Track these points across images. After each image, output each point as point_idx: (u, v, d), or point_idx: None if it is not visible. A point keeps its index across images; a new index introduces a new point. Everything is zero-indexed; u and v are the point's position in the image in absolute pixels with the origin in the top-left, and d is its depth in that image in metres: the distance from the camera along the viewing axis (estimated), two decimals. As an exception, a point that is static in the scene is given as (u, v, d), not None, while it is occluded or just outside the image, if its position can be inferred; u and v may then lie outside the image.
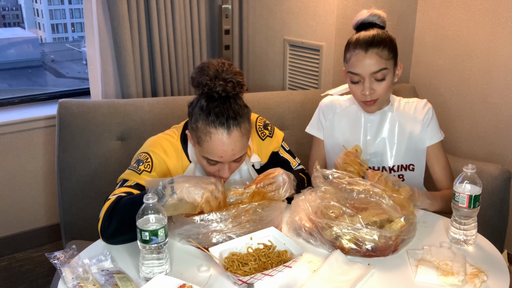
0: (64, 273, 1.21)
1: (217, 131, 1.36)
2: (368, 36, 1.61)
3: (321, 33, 2.62)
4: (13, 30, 4.08)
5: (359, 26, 1.68)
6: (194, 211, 1.31)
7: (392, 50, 1.62)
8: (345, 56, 1.67)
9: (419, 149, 1.72)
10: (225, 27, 2.89)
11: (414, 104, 1.75)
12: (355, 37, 1.65)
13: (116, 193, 1.41)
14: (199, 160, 1.47)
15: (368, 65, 1.60)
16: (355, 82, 1.64)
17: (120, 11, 2.48)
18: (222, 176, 1.45)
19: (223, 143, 1.37)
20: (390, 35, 1.66)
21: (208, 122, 1.36)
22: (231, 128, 1.36)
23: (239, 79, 1.39)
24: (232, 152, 1.39)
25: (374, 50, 1.59)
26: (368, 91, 1.62)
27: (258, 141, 1.64)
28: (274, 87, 3.03)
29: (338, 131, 1.78)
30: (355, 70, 1.62)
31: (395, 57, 1.65)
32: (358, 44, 1.61)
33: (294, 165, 1.70)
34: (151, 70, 2.71)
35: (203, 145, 1.39)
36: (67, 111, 2.10)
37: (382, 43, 1.60)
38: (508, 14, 2.36)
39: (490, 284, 1.20)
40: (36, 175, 2.73)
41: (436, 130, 1.73)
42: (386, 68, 1.61)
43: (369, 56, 1.59)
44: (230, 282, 1.21)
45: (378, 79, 1.61)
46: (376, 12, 1.67)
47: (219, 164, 1.43)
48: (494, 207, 1.99)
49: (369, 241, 1.28)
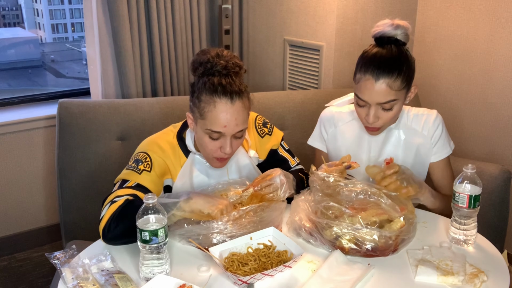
0: (64, 273, 1.21)
1: (221, 100, 1.39)
2: (382, 60, 1.47)
3: (321, 33, 2.62)
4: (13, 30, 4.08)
5: (378, 39, 1.53)
6: (200, 218, 1.33)
7: (406, 78, 1.49)
8: (355, 74, 1.54)
9: (424, 165, 1.67)
10: (225, 27, 2.89)
11: (423, 118, 1.64)
12: (370, 54, 1.51)
13: (120, 194, 1.40)
14: (201, 139, 1.47)
15: (376, 95, 1.48)
16: (361, 106, 1.55)
17: (120, 11, 2.48)
18: (224, 152, 1.45)
19: (227, 112, 1.39)
20: (409, 56, 1.52)
21: (212, 93, 1.40)
22: (234, 99, 1.40)
23: (237, 61, 1.45)
24: (235, 121, 1.41)
25: (386, 79, 1.46)
26: (372, 119, 1.52)
27: (257, 138, 1.65)
28: (274, 87, 3.03)
29: (341, 144, 1.72)
30: (362, 96, 1.51)
31: (410, 83, 1.52)
32: (370, 68, 1.47)
33: (293, 164, 1.70)
34: (151, 70, 2.71)
35: (207, 116, 1.40)
36: (67, 111, 2.10)
37: (396, 71, 1.46)
38: (508, 14, 2.36)
39: (490, 284, 1.20)
40: (36, 175, 2.73)
41: (445, 145, 1.65)
42: (396, 99, 1.49)
43: (379, 86, 1.46)
44: (230, 282, 1.21)
45: (385, 109, 1.51)
46: (400, 24, 1.51)
47: (222, 139, 1.44)
48: (494, 207, 1.99)
49: (369, 241, 1.28)
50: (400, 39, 1.52)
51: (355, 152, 1.69)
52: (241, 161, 1.60)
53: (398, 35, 1.51)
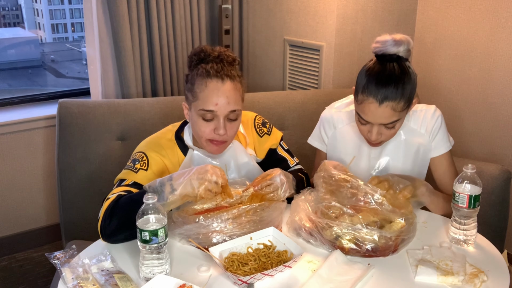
0: (64, 273, 1.21)
1: (211, 80, 1.45)
2: (386, 84, 1.43)
3: (321, 33, 2.62)
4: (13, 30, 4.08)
5: (379, 56, 1.49)
6: (196, 200, 1.32)
7: (409, 97, 1.47)
8: (357, 93, 1.50)
9: (425, 161, 1.67)
10: (225, 27, 2.89)
11: (422, 114, 1.64)
12: (372, 73, 1.46)
13: (115, 192, 1.42)
14: (196, 124, 1.49)
15: (380, 118, 1.47)
16: (363, 124, 1.54)
17: (120, 11, 2.48)
18: (218, 133, 1.46)
19: (218, 89, 1.45)
20: (412, 72, 1.48)
21: (204, 76, 1.46)
22: (225, 79, 1.46)
23: (231, 54, 1.51)
24: (226, 99, 1.45)
25: (390, 103, 1.43)
26: (375, 137, 1.52)
27: (256, 138, 1.66)
28: (274, 87, 3.03)
29: (341, 146, 1.72)
30: (365, 118, 1.49)
31: (411, 99, 1.50)
32: (373, 91, 1.44)
33: (292, 164, 1.71)
34: (151, 70, 2.71)
35: (199, 96, 1.46)
36: (67, 111, 2.10)
37: (400, 94, 1.44)
38: (508, 14, 2.36)
39: (490, 284, 1.20)
40: (36, 175, 2.73)
41: (444, 140, 1.64)
42: (399, 119, 1.49)
43: (382, 109, 1.44)
44: (230, 282, 1.21)
45: (388, 127, 1.51)
46: (402, 40, 1.46)
47: (215, 120, 1.47)
48: (494, 207, 1.99)
49: (369, 241, 1.28)
50: (402, 56, 1.48)
51: (355, 153, 1.69)
52: (240, 159, 1.61)
53: (400, 52, 1.47)
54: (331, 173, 1.42)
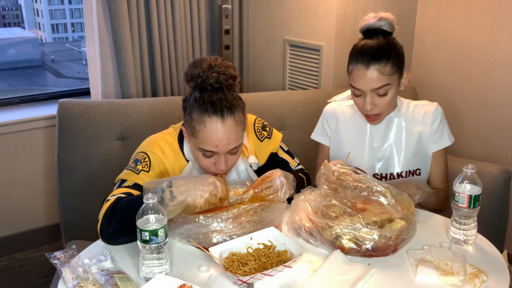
0: (64, 273, 1.21)
1: (211, 119, 1.36)
2: (370, 49, 1.54)
3: (321, 33, 2.62)
4: (13, 30, 4.09)
5: (365, 32, 1.61)
6: (195, 209, 1.31)
7: (396, 63, 1.55)
8: (348, 66, 1.60)
9: (426, 153, 1.69)
10: (225, 27, 2.89)
11: (424, 108, 1.70)
12: (358, 46, 1.58)
13: (115, 194, 1.41)
14: (195, 154, 1.46)
15: (370, 82, 1.54)
16: (357, 95, 1.60)
17: (120, 11, 2.48)
18: (219, 169, 1.44)
19: (217, 131, 1.37)
20: (396, 43, 1.58)
21: (202, 111, 1.37)
22: (225, 116, 1.37)
23: (232, 71, 1.40)
24: (227, 140, 1.39)
25: (376, 66, 1.52)
26: (369, 106, 1.57)
27: (257, 142, 1.64)
28: (274, 87, 3.03)
29: (344, 139, 1.74)
30: (356, 85, 1.57)
31: (400, 68, 1.57)
32: (360, 58, 1.54)
33: (293, 165, 1.70)
34: (151, 70, 2.71)
35: (198, 135, 1.39)
36: (67, 111, 2.10)
37: (385, 57, 1.53)
38: (508, 14, 2.36)
39: (490, 284, 1.20)
40: (36, 175, 2.73)
41: (444, 135, 1.69)
42: (389, 84, 1.55)
43: (370, 72, 1.53)
44: (230, 282, 1.21)
45: (380, 95, 1.56)
46: (383, 16, 1.59)
47: (215, 156, 1.42)
48: (494, 207, 1.99)
49: (369, 240, 1.28)
50: (386, 29, 1.59)
51: (358, 144, 1.71)
52: (239, 167, 1.60)
53: (383, 26, 1.59)
54: (332, 169, 1.43)
